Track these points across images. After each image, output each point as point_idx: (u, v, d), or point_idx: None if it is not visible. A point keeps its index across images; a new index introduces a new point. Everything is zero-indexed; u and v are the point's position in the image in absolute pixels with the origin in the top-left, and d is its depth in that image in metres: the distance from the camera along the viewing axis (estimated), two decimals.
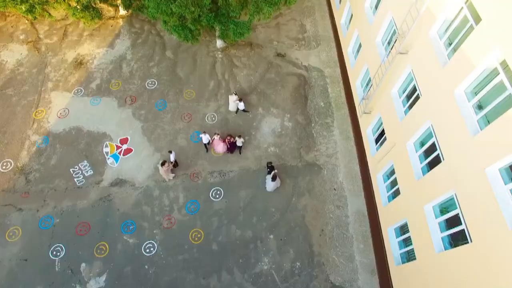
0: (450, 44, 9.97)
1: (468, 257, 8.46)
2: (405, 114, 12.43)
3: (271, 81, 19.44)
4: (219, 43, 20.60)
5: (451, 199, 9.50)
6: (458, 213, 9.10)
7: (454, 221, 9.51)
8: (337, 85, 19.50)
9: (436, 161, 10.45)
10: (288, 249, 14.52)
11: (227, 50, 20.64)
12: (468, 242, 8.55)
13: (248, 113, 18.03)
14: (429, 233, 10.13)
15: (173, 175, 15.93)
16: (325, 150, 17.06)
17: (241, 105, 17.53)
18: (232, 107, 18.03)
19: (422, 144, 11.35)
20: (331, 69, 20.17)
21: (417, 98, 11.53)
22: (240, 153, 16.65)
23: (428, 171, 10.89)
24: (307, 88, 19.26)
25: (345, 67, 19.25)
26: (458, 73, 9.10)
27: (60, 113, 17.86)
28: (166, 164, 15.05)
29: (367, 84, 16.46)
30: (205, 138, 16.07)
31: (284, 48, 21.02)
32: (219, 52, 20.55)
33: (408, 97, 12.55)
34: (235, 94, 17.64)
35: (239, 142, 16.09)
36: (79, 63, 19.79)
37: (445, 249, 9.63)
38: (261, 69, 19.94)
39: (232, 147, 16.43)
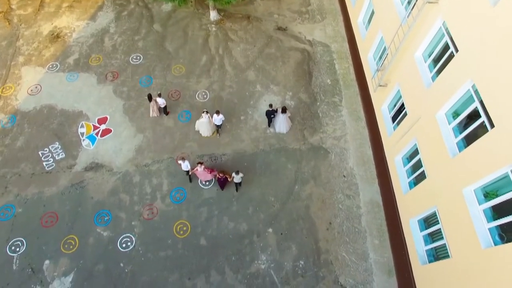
0: None
1: None
2: (433, 81, 10.21)
3: (271, 56, 17.21)
4: (213, 15, 18.41)
5: (504, 178, 7.27)
6: None
7: (506, 208, 7.28)
8: (346, 61, 17.26)
9: (476, 133, 8.25)
10: (290, 245, 12.32)
11: (222, 23, 18.44)
12: None
13: (218, 134, 14.48)
14: (471, 224, 7.90)
15: (157, 114, 14.81)
16: (332, 132, 14.82)
17: (218, 120, 13.73)
18: (205, 130, 14.25)
19: (457, 114, 9.11)
20: (338, 44, 17.92)
21: (450, 58, 9.31)
22: (236, 191, 13.20)
23: (465, 146, 8.69)
24: (312, 64, 17.03)
25: (355, 41, 17.01)
26: None
27: (31, 90, 15.71)
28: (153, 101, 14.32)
29: (381, 57, 14.25)
30: (184, 165, 12.62)
31: (285, 21, 18.79)
32: (212, 25, 18.35)
33: (435, 60, 10.33)
34: (206, 112, 13.83)
35: (237, 178, 12.51)
36: (55, 36, 17.63)
37: (495, 244, 7.39)
38: (260, 43, 17.72)
39: (222, 183, 12.96)
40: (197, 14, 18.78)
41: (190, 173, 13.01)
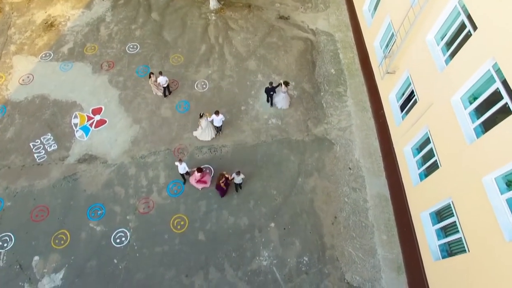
0: None
1: None
2: (446, 64, 9.56)
3: (272, 45, 16.56)
4: (213, 3, 17.77)
5: None
6: None
7: None
8: (350, 50, 16.60)
9: (495, 117, 7.61)
10: (293, 241, 11.68)
11: (222, 11, 17.80)
12: None
13: (219, 133, 13.64)
14: (492, 215, 7.25)
15: (161, 93, 14.49)
16: (337, 123, 14.18)
17: (218, 120, 12.93)
18: (205, 135, 13.25)
19: (474, 98, 8.47)
20: (343, 34, 17.27)
21: (466, 38, 8.67)
22: (238, 190, 12.42)
23: (483, 132, 8.05)
24: (315, 53, 16.37)
25: (360, 30, 16.36)
26: None
27: (23, 80, 15.08)
28: (153, 78, 13.89)
29: (388, 44, 13.62)
30: (181, 168, 11.78)
31: (287, 10, 18.14)
32: (212, 14, 17.71)
33: (449, 43, 9.68)
34: (204, 115, 12.81)
35: (237, 179, 11.76)
36: (49, 25, 17.00)
37: None
38: (261, 32, 17.07)
39: (224, 188, 11.91)
40: (196, 2, 18.15)
41: (187, 175, 12.29)
